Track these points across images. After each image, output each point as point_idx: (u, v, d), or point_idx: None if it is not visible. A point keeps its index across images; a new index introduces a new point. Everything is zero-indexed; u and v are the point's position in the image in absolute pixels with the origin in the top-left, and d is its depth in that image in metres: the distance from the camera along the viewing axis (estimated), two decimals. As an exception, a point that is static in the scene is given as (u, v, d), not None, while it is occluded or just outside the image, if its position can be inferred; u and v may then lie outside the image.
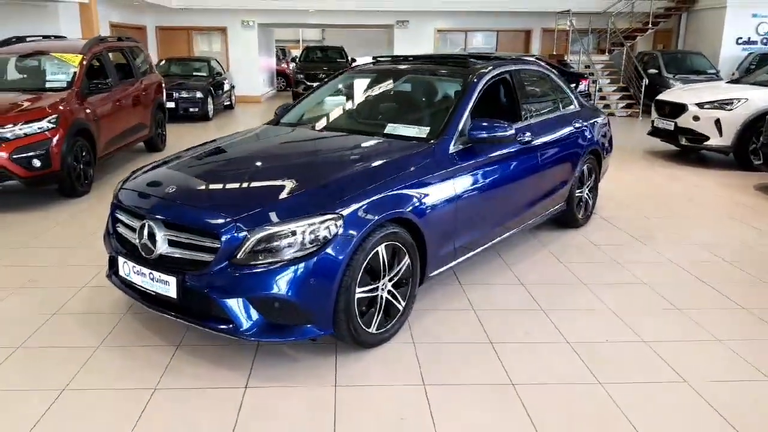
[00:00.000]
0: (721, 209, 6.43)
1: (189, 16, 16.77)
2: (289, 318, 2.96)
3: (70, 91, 6.57)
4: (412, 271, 3.41)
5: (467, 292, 4.06)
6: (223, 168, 3.68)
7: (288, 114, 4.72)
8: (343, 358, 3.17)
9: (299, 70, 17.47)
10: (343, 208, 3.01)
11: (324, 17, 17.30)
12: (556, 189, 4.94)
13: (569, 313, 3.77)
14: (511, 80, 4.57)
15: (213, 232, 2.93)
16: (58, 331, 3.47)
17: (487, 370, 3.10)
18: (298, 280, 2.86)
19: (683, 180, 7.82)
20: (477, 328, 3.55)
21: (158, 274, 3.05)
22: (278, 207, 3.01)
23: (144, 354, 3.22)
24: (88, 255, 4.71)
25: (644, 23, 16.46)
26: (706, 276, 4.43)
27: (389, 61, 5.01)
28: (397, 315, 3.37)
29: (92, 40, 7.71)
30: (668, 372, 3.09)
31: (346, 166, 3.42)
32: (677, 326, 3.63)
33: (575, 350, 3.31)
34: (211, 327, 3.00)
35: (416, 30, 17.52)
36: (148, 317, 3.62)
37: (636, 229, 5.54)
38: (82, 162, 6.48)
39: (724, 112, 8.28)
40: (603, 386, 2.95)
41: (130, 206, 3.34)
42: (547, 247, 5.01)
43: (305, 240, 2.90)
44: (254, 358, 3.17)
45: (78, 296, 3.95)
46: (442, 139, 3.76)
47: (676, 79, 14.14)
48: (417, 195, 3.38)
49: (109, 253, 3.56)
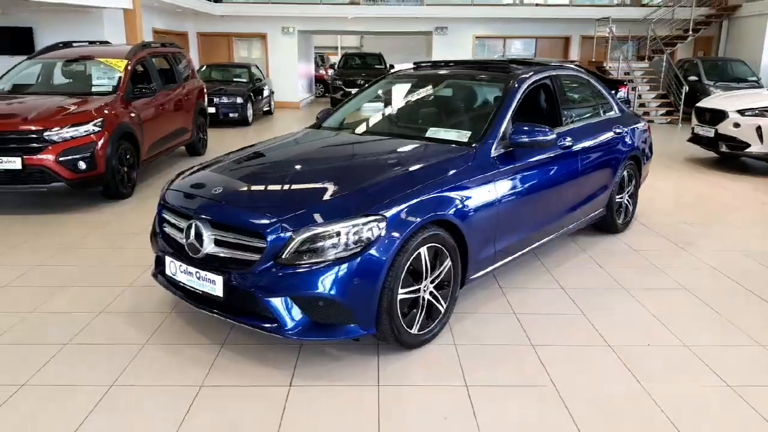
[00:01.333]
0: (763, 217, 6.28)
1: (230, 23, 17.09)
2: (333, 317, 2.99)
3: (115, 96, 6.76)
4: (453, 273, 3.41)
5: (507, 295, 4.05)
6: (268, 170, 3.74)
7: (330, 118, 4.79)
8: (384, 359, 3.20)
9: (337, 76, 17.65)
10: (387, 209, 3.04)
11: (363, 24, 17.44)
12: (596, 194, 4.90)
13: (610, 318, 3.73)
14: (551, 85, 4.55)
15: (259, 232, 2.99)
16: (106, 328, 3.57)
17: (529, 372, 3.09)
18: (342, 280, 2.90)
19: (724, 187, 7.66)
20: (518, 331, 3.54)
21: (205, 273, 3.12)
22: (323, 208, 3.05)
23: (190, 352, 3.29)
24: (131, 256, 4.83)
25: (684, 30, 16.18)
26: (749, 283, 4.34)
27: (430, 66, 5.03)
28: (438, 316, 3.38)
29: (137, 45, 7.92)
30: (711, 376, 3.04)
31: (389, 169, 3.45)
32: (719, 331, 3.57)
33: (617, 353, 3.28)
34: (255, 325, 3.05)
35: (455, 36, 17.52)
36: (192, 316, 3.70)
37: (677, 236, 5.45)
38: (126, 165, 6.65)
39: (765, 119, 8.10)
40: (645, 389, 2.92)
41: (177, 207, 3.43)
42: (587, 251, 4.96)
43: (349, 240, 2.94)
44: (298, 357, 3.21)
45: (123, 295, 4.05)
46: (483, 143, 3.76)
47: (717, 87, 13.87)
48: (459, 198, 3.40)
49: (155, 253, 3.66)
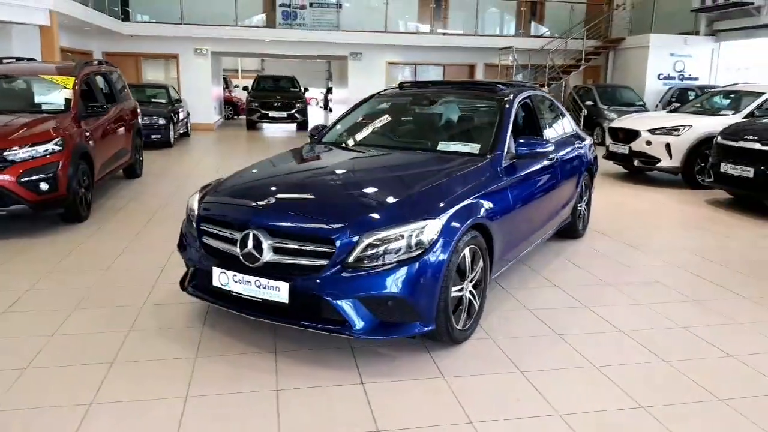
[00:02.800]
0: (687, 220, 7.21)
1: (139, 43, 16.52)
2: (400, 316, 3.19)
3: (68, 114, 6.49)
4: (484, 273, 3.72)
5: (513, 294, 4.41)
6: (310, 180, 3.86)
7: (328, 135, 4.95)
8: (436, 355, 3.42)
9: (253, 99, 17.55)
10: (441, 213, 3.30)
11: (279, 47, 17.51)
12: (567, 202, 5.43)
13: (610, 308, 4.20)
14: (531, 103, 5.03)
15: (327, 238, 3.14)
16: (144, 345, 3.51)
17: (567, 356, 3.45)
18: (410, 280, 3.11)
19: (643, 197, 8.61)
20: (538, 323, 3.90)
21: (267, 280, 3.20)
22: (384, 213, 3.26)
23: (246, 361, 3.33)
24: (125, 276, 4.71)
25: (577, 60, 17.76)
26: (703, 273, 5.04)
27: (415, 85, 5.36)
28: (474, 313, 3.66)
29: (80, 62, 7.62)
30: (706, 346, 3.61)
31: (428, 178, 3.71)
32: (701, 313, 4.16)
33: (630, 336, 3.73)
34: (322, 329, 3.18)
35: (369, 62, 18.07)
36: (228, 327, 3.73)
37: (627, 239, 6.12)
38: (84, 186, 6.38)
39: (672, 137, 9.19)
40: (671, 364, 3.37)
41: (225, 218, 3.48)
42: (561, 255, 5.46)
43: (411, 243, 3.16)
44: (355, 359, 3.36)
45: (144, 313, 3.97)
46: (495, 155, 4.13)
47: (611, 110, 15.31)
48: (487, 203, 3.72)
49: (191, 266, 3.66)
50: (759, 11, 15.08)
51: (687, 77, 17.37)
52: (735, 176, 7.52)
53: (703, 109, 10.29)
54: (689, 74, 17.43)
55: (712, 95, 10.98)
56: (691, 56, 17.33)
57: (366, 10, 17.80)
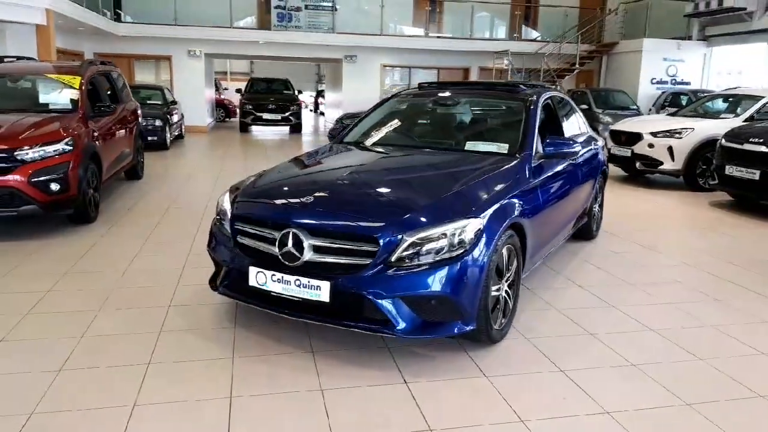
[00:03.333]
0: (693, 222, 7.27)
1: (132, 44, 16.35)
2: (442, 315, 3.17)
3: (76, 114, 6.40)
4: (517, 272, 3.71)
5: (539, 294, 4.41)
6: (345, 179, 3.79)
7: (349, 135, 4.92)
8: (474, 354, 3.40)
9: (247, 101, 17.47)
10: (482, 212, 3.29)
11: (273, 49, 17.43)
12: (584, 203, 5.45)
13: (636, 307, 4.22)
14: (552, 104, 5.05)
15: (370, 236, 3.11)
16: (178, 346, 3.46)
17: (604, 355, 3.45)
18: (454, 278, 3.09)
19: (646, 199, 8.67)
20: (569, 323, 3.90)
21: (307, 280, 3.17)
22: (426, 212, 3.24)
23: (286, 361, 3.29)
24: (145, 277, 4.64)
25: (571, 64, 17.90)
26: (720, 273, 5.08)
27: (435, 86, 5.35)
28: (509, 313, 3.65)
29: (86, 62, 7.52)
30: (739, 345, 3.62)
31: (462, 177, 3.70)
32: (726, 312, 4.19)
33: (662, 335, 3.74)
34: (364, 328, 3.15)
35: (363, 64, 18.05)
36: (260, 327, 3.68)
37: (640, 240, 6.15)
38: (92, 187, 6.29)
39: (674, 140, 9.27)
40: (706, 362, 3.38)
41: (263, 217, 3.44)
42: (578, 255, 5.48)
43: (453, 241, 3.14)
44: (394, 358, 3.33)
45: (171, 314, 3.91)
46: (525, 154, 4.13)
47: (605, 114, 15.42)
48: (521, 203, 3.72)
49: (225, 266, 3.61)
50: (751, 17, 15.32)
51: (679, 81, 17.59)
52: (740, 178, 7.60)
53: (703, 113, 10.41)
54: (681, 78, 17.65)
55: (710, 99, 11.10)
56: (684, 61, 17.55)
57: (361, 13, 17.80)
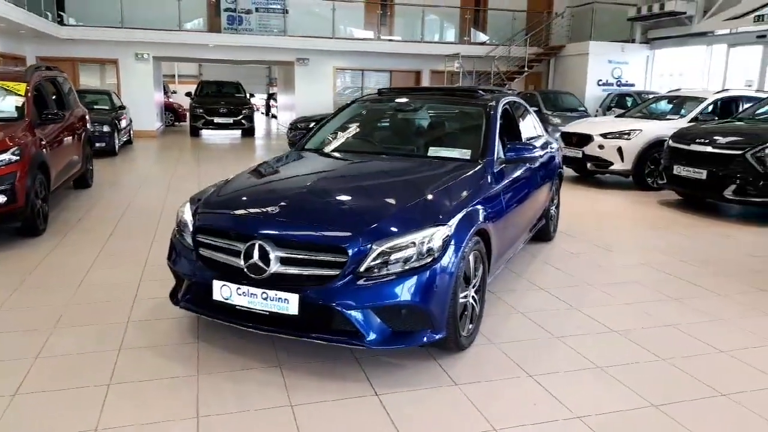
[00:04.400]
0: (645, 221, 7.51)
1: (76, 47, 15.79)
2: (413, 324, 3.16)
3: (23, 122, 6.13)
4: (483, 278, 3.74)
5: (502, 298, 4.46)
6: (310, 188, 3.73)
7: (310, 141, 4.87)
8: (443, 362, 3.40)
9: (198, 105, 17.11)
10: (449, 219, 3.30)
11: (224, 52, 17.12)
12: (544, 204, 5.54)
13: (598, 309, 4.31)
14: (510, 109, 5.11)
15: (338, 247, 3.07)
16: (140, 364, 3.33)
17: (571, 358, 3.51)
18: (424, 287, 3.09)
19: (598, 200, 8.91)
20: (534, 327, 3.95)
21: (274, 292, 3.11)
22: (394, 220, 3.23)
23: (252, 377, 3.22)
24: (101, 292, 4.47)
25: (520, 67, 18.23)
26: (674, 271, 5.26)
27: (396, 92, 5.34)
28: (476, 319, 3.67)
29: (31, 67, 7.22)
30: (700, 344, 3.73)
31: (428, 184, 3.70)
32: (683, 311, 4.32)
33: (625, 336, 3.83)
34: (333, 340, 3.11)
35: (316, 67, 17.93)
36: (224, 342, 3.59)
37: (596, 240, 6.30)
38: (41, 198, 6.03)
39: (624, 141, 9.56)
40: (670, 362, 3.48)
41: (227, 228, 3.36)
42: (537, 257, 5.56)
43: (422, 250, 3.13)
44: (363, 370, 3.30)
45: (131, 330, 3.78)
46: (488, 160, 4.17)
47: (554, 115, 15.76)
48: (486, 208, 3.75)
49: (187, 280, 3.51)
50: (691, 20, 15.95)
51: (624, 83, 18.13)
52: (688, 178, 7.88)
53: (649, 114, 10.76)
54: (626, 80, 18.20)
55: (655, 101, 11.49)
56: (628, 63, 18.11)
57: (313, 16, 17.66)
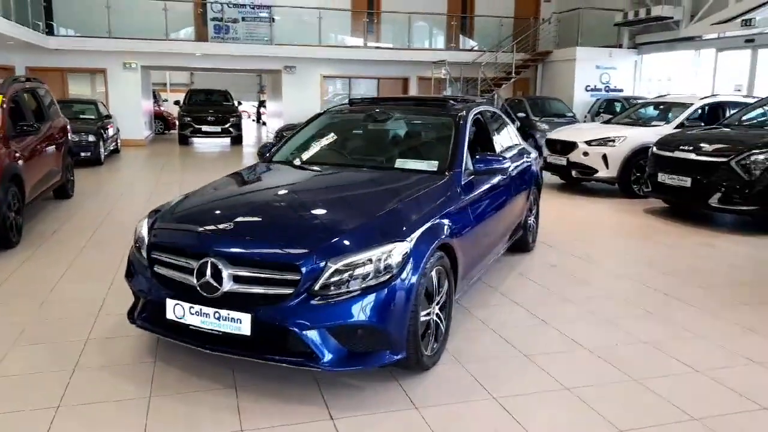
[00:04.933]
0: (629, 230, 7.43)
1: (64, 57, 15.72)
2: (370, 345, 3.07)
3: (-4, 134, 6.05)
4: (449, 294, 3.65)
5: (474, 313, 4.37)
6: (269, 202, 3.67)
7: (278, 153, 4.79)
8: (405, 383, 3.30)
9: (185, 113, 17.05)
10: (410, 234, 3.21)
11: (211, 61, 17.08)
12: (520, 215, 5.46)
13: (572, 325, 4.21)
14: (482, 119, 5.03)
15: (292, 264, 2.99)
16: (93, 385, 3.25)
17: (538, 379, 3.41)
18: (380, 306, 3.00)
19: (583, 208, 8.84)
20: (505, 344, 3.86)
21: (227, 312, 3.02)
22: (351, 236, 3.14)
23: (205, 398, 3.12)
24: (63, 308, 4.38)
25: (508, 73, 18.21)
26: (654, 284, 5.15)
27: (367, 102, 5.27)
28: (441, 337, 3.58)
29: (9, 79, 7.14)
30: (674, 362, 3.64)
31: (391, 198, 3.60)
32: (661, 327, 4.22)
33: (597, 354, 3.74)
34: (286, 362, 3.02)
35: (303, 75, 17.89)
36: (182, 362, 3.50)
37: (576, 251, 6.21)
38: (14, 210, 5.94)
39: (608, 148, 9.48)
40: (641, 383, 3.39)
41: (180, 245, 3.27)
42: (515, 269, 5.48)
43: (380, 267, 3.04)
44: (321, 392, 3.20)
45: (89, 349, 3.69)
46: (455, 172, 4.09)
47: (542, 121, 15.71)
48: (451, 222, 3.66)
49: (142, 297, 3.42)
50: (678, 25, 15.93)
51: (612, 89, 18.11)
52: (672, 186, 7.80)
53: (635, 120, 10.70)
54: (614, 86, 18.18)
55: (642, 106, 11.43)
56: (616, 68, 18.09)
57: (299, 24, 17.64)
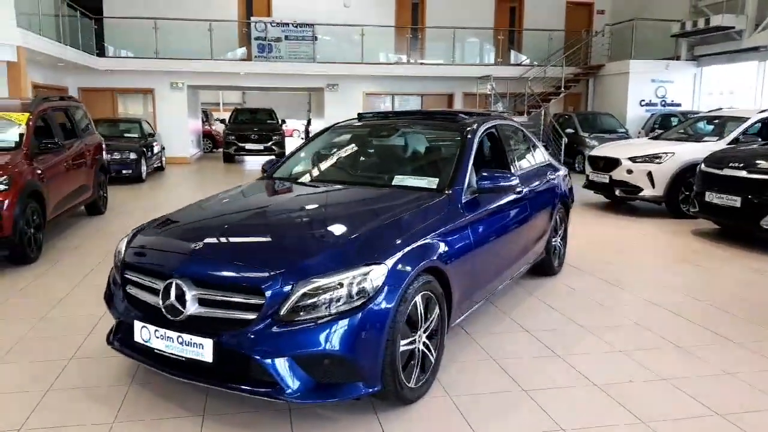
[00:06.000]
0: (671, 254, 6.88)
1: (114, 78, 16.33)
2: (338, 376, 2.83)
3: (19, 152, 6.17)
4: (441, 321, 3.37)
5: (477, 341, 4.06)
6: (245, 222, 3.54)
7: (280, 169, 4.65)
8: (384, 417, 3.05)
9: (230, 132, 17.36)
10: (386, 257, 2.96)
11: (255, 80, 17.35)
12: (540, 237, 5.11)
13: (584, 357, 3.84)
14: (497, 134, 4.74)
15: (255, 287, 2.80)
16: (60, 408, 3.14)
17: (534, 419, 3.07)
18: (348, 335, 2.76)
19: (625, 229, 8.30)
20: (504, 377, 3.54)
21: (189, 337, 2.85)
22: (321, 258, 2.92)
23: (170, 427, 2.96)
24: (60, 326, 4.34)
25: (557, 87, 17.69)
26: (686, 313, 4.69)
27: (374, 116, 5.07)
28: (430, 367, 3.30)
29: (38, 98, 7.36)
30: (696, 405, 3.22)
31: (375, 217, 3.38)
32: (685, 362, 3.79)
33: (605, 391, 3.36)
34: (250, 392, 2.81)
35: (346, 93, 17.91)
36: (158, 386, 3.35)
37: (606, 275, 5.78)
38: (33, 226, 6.02)
39: (654, 165, 8.93)
40: (650, 426, 3.00)
41: (148, 265, 3.14)
42: (534, 294, 5.12)
43: (352, 291, 2.81)
44: (291, 424, 2.98)
45: (69, 369, 3.60)
46: (454, 190, 3.81)
47: (592, 138, 15.14)
48: (443, 244, 3.40)
49: (116, 318, 3.31)
50: (740, 35, 15.07)
51: (669, 103, 17.30)
52: (721, 206, 7.22)
53: (687, 135, 10.07)
54: (671, 100, 17.36)
55: (695, 121, 10.77)
56: (673, 81, 17.28)
57: (342, 42, 17.70)
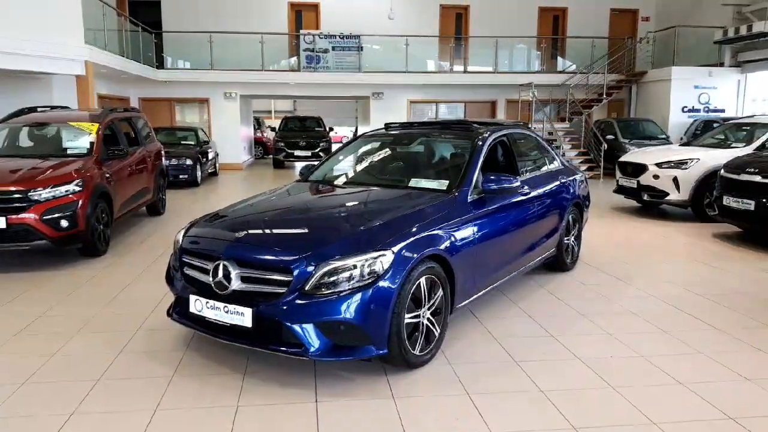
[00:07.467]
0: (687, 254, 7.24)
1: (172, 88, 17.53)
2: (352, 339, 3.47)
3: (90, 158, 7.06)
4: (445, 301, 3.96)
5: (484, 323, 4.62)
6: (281, 215, 4.24)
7: (315, 173, 5.33)
8: (392, 377, 3.66)
9: (279, 139, 18.32)
10: (393, 245, 3.58)
11: (303, 89, 18.28)
12: (549, 236, 5.62)
13: (576, 338, 4.36)
14: (508, 142, 5.29)
15: (286, 267, 3.46)
16: (130, 365, 3.87)
17: (519, 381, 3.64)
18: (360, 306, 3.39)
19: (649, 231, 8.65)
20: (500, 351, 4.10)
21: (233, 306, 3.53)
22: (339, 245, 3.57)
23: (217, 380, 3.65)
24: (127, 305, 5.11)
25: (599, 94, 17.91)
26: (682, 305, 5.11)
27: (399, 126, 5.70)
28: (434, 340, 3.89)
29: (105, 109, 8.28)
30: (662, 375, 3.71)
31: (388, 212, 4.02)
32: (665, 343, 4.26)
33: (587, 365, 3.88)
34: (282, 351, 3.47)
35: (390, 101, 18.63)
36: (209, 351, 4.05)
37: (617, 272, 6.22)
38: (102, 223, 6.90)
39: (680, 170, 9.24)
40: (616, 390, 3.52)
41: (201, 250, 3.85)
42: (544, 287, 5.63)
43: (364, 272, 3.45)
44: (315, 380, 3.63)
45: (136, 338, 4.34)
46: (461, 190, 4.40)
47: (632, 144, 15.32)
48: (447, 236, 3.99)
49: (175, 294, 4.03)
50: (783, 42, 15.01)
51: (713, 109, 17.26)
52: (737, 209, 7.54)
53: (717, 142, 10.30)
54: (714, 106, 17.31)
55: (727, 127, 10.96)
56: (716, 88, 17.24)
57: (387, 52, 18.40)
